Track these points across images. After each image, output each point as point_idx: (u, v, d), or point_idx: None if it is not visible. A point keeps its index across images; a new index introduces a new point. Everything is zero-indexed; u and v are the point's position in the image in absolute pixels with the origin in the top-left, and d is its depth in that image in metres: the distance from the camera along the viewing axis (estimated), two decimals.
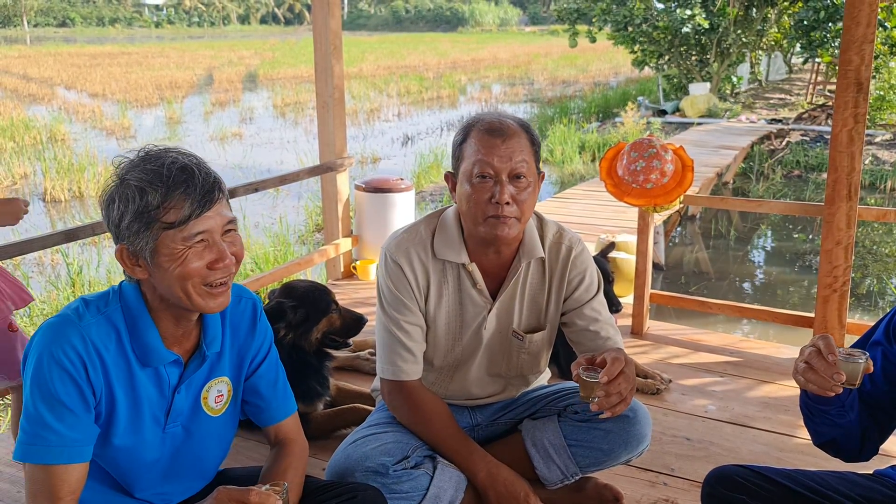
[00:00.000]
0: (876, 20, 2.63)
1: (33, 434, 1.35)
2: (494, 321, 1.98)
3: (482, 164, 1.77)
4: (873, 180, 10.47)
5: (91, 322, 1.40)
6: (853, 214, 2.79)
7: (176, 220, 1.34)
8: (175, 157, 1.37)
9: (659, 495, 2.14)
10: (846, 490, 1.71)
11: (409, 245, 1.93)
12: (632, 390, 1.65)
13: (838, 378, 1.39)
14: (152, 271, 1.38)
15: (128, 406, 1.46)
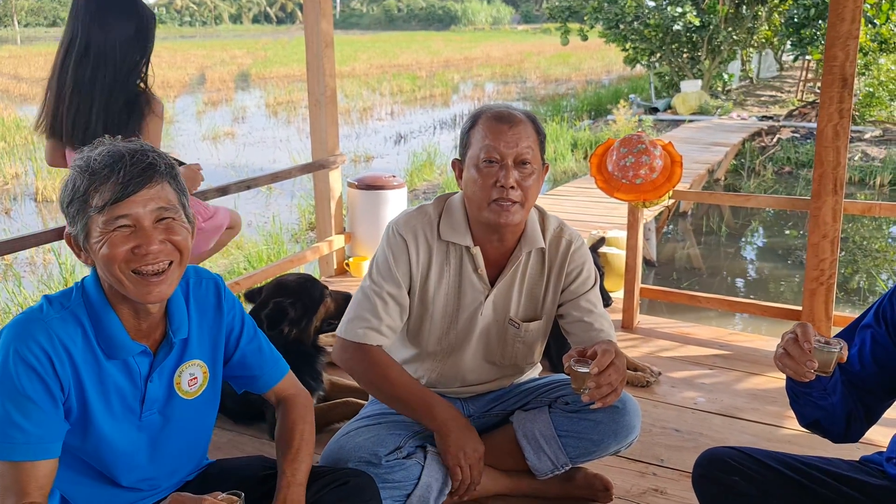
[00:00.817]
0: (860, 17, 2.67)
1: (3, 434, 1.36)
2: (491, 307, 2.01)
3: (489, 150, 1.82)
4: (863, 176, 10.54)
5: (55, 317, 1.41)
6: (839, 208, 2.83)
7: (99, 204, 1.36)
8: (112, 146, 1.40)
9: (648, 485, 2.17)
10: (834, 475, 1.75)
11: (417, 223, 1.96)
12: (622, 381, 1.69)
13: (811, 366, 1.44)
14: (94, 257, 1.40)
15: (100, 398, 1.47)
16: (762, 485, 1.68)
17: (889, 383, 1.63)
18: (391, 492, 1.87)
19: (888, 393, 1.66)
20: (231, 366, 1.69)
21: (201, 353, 1.62)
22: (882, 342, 1.62)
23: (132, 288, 1.41)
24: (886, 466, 1.75)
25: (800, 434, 2.40)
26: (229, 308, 1.66)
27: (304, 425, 1.66)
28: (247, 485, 1.70)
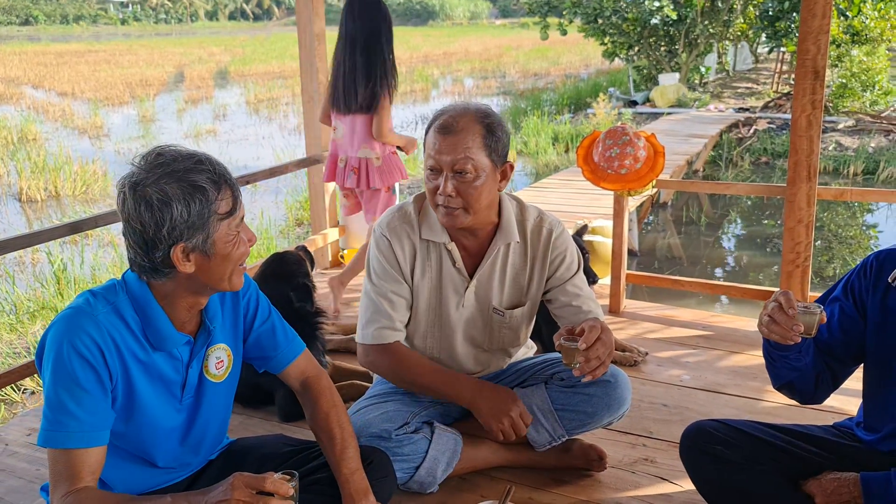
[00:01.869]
0: (831, 12, 2.82)
1: (55, 420, 1.46)
2: (473, 298, 2.13)
3: (430, 160, 1.94)
4: (837, 166, 10.78)
5: (101, 311, 1.52)
6: (813, 194, 2.99)
7: (227, 210, 1.50)
8: (199, 155, 1.50)
9: (639, 455, 2.32)
10: (810, 438, 1.91)
11: (398, 225, 2.09)
12: (610, 354, 1.81)
13: (797, 329, 1.58)
14: (204, 263, 1.51)
15: (145, 386, 1.59)
16: (743, 450, 1.84)
17: (854, 350, 1.79)
18: (401, 464, 2.00)
19: (853, 359, 1.81)
20: (247, 347, 1.80)
21: (224, 338, 1.73)
22: (849, 313, 1.78)
23: (236, 280, 1.58)
24: (856, 430, 1.91)
25: (779, 406, 2.56)
26: (245, 290, 1.78)
27: (337, 412, 1.78)
28: (269, 461, 1.84)
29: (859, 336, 1.77)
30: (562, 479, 2.17)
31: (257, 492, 1.37)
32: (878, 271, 1.74)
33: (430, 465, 2.04)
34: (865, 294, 1.76)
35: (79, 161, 10.81)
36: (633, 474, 2.22)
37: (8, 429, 2.60)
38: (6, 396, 4.28)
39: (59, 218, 8.91)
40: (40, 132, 14.43)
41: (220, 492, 1.38)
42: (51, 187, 9.86)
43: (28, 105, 18.81)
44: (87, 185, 9.96)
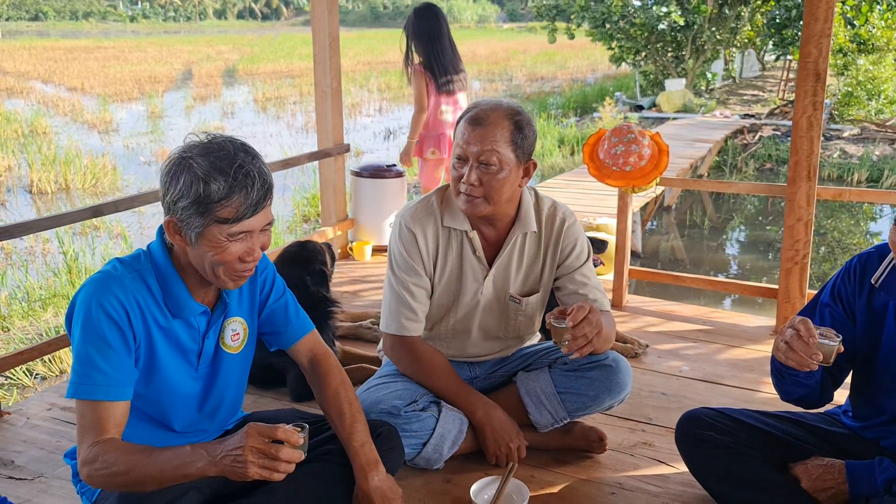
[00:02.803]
0: (833, 16, 2.90)
1: (83, 374, 1.55)
2: (491, 286, 2.22)
3: (458, 149, 2.03)
4: (841, 173, 10.85)
5: (128, 276, 1.62)
6: (812, 193, 3.07)
7: (229, 218, 1.53)
8: (243, 160, 1.53)
9: (638, 439, 2.40)
10: (799, 424, 1.99)
11: (422, 215, 2.17)
12: (598, 334, 1.84)
13: (816, 358, 1.61)
14: (190, 247, 1.59)
15: (165, 351, 1.68)
16: (733, 436, 1.93)
17: (849, 354, 1.86)
18: (409, 440, 2.08)
19: (847, 361, 1.90)
20: (261, 322, 1.89)
21: (241, 311, 1.82)
22: (839, 318, 1.85)
23: (224, 280, 1.62)
24: (843, 418, 2.00)
25: (774, 397, 2.61)
26: (262, 268, 1.86)
27: (345, 389, 1.86)
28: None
29: (852, 339, 1.84)
30: (563, 460, 2.25)
31: (270, 440, 1.45)
32: (861, 274, 1.82)
33: (436, 441, 2.12)
34: (853, 298, 1.83)
35: (89, 155, 10.92)
36: (631, 457, 2.29)
37: (29, 403, 2.69)
38: (18, 381, 4.37)
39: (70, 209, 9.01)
40: (50, 126, 14.56)
41: (235, 440, 1.45)
42: (61, 180, 9.97)
43: (38, 99, 18.95)
44: (97, 178, 10.07)
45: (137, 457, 1.51)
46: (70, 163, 10.38)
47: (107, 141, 13.66)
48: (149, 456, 1.50)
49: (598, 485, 2.15)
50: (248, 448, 1.42)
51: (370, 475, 1.79)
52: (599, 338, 1.87)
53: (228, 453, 1.44)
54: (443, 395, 2.20)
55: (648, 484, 2.15)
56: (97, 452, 1.51)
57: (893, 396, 1.80)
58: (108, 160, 10.67)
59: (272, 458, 1.42)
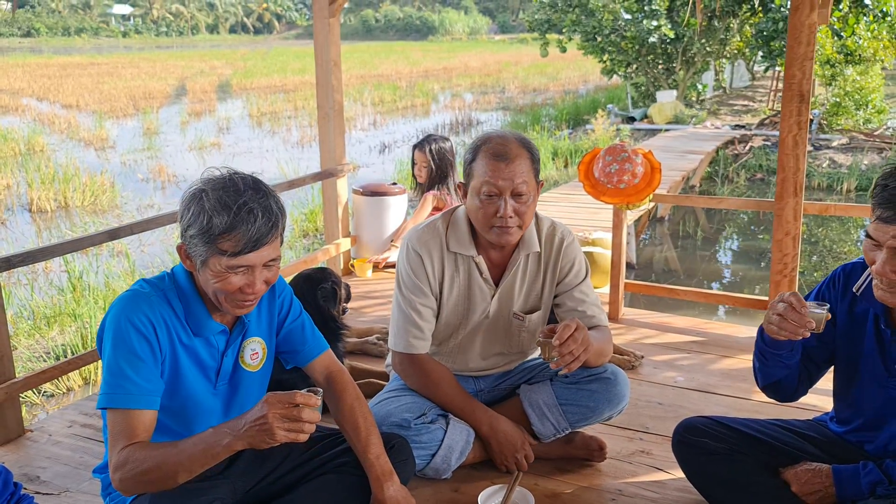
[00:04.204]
0: (815, 39, 3.04)
1: (115, 384, 1.66)
2: (496, 305, 2.34)
3: (489, 186, 2.12)
4: (831, 182, 11.03)
5: (154, 295, 1.74)
6: (799, 209, 3.20)
7: (229, 251, 1.64)
8: (248, 198, 1.63)
9: (636, 448, 2.51)
10: (789, 430, 2.11)
11: (428, 238, 2.29)
12: (585, 350, 1.93)
13: (809, 326, 1.73)
14: (198, 271, 1.72)
15: (188, 366, 1.79)
16: (727, 443, 2.05)
17: (827, 354, 1.99)
18: (419, 451, 2.19)
19: (826, 362, 2.02)
20: (279, 341, 2.00)
21: (259, 332, 1.93)
22: None
23: (227, 306, 1.72)
24: (829, 424, 2.12)
25: (765, 404, 2.75)
26: (280, 291, 1.98)
27: (360, 405, 1.97)
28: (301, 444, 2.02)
29: (831, 341, 1.97)
30: (565, 468, 2.36)
31: (290, 405, 1.54)
32: (844, 283, 1.94)
33: (445, 452, 2.23)
34: (835, 304, 1.96)
35: (87, 172, 11.01)
36: (630, 464, 2.41)
37: (50, 420, 2.79)
38: (26, 399, 4.46)
39: (69, 228, 9.10)
40: (47, 144, 14.64)
41: (256, 411, 1.55)
42: (60, 198, 10.05)
43: (33, 117, 19.02)
44: (96, 196, 10.16)
45: (165, 450, 1.61)
46: (69, 181, 10.46)
47: (104, 158, 13.75)
48: (175, 446, 1.60)
49: (599, 492, 2.26)
50: (271, 415, 1.52)
51: (386, 485, 1.90)
52: (587, 353, 1.94)
53: (253, 424, 1.54)
54: (449, 409, 2.31)
55: (647, 490, 2.26)
56: (127, 455, 1.61)
57: (873, 399, 1.92)
58: (106, 178, 10.76)
59: (296, 421, 1.53)
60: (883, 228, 1.66)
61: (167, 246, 7.64)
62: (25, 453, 2.53)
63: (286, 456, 2.01)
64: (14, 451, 2.54)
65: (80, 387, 4.75)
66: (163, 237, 7.93)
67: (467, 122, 18.34)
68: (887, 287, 1.71)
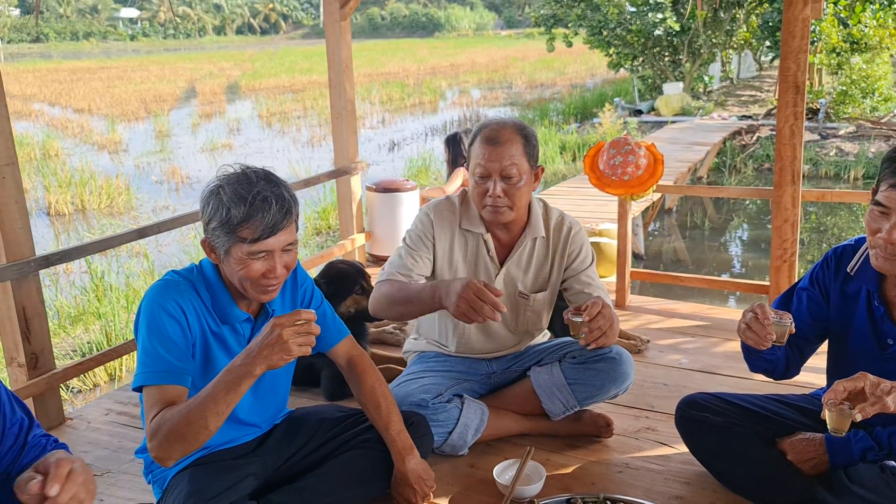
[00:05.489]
0: (808, 33, 3.16)
1: (149, 364, 1.80)
2: (501, 283, 2.48)
3: (480, 167, 2.29)
4: (838, 171, 11.09)
5: (183, 284, 1.90)
6: (797, 196, 3.32)
7: (248, 238, 1.78)
8: (262, 188, 1.78)
9: (642, 425, 2.65)
10: (786, 404, 2.24)
11: (444, 210, 2.47)
12: (611, 327, 2.08)
13: (770, 338, 1.87)
14: (222, 262, 1.86)
15: (217, 351, 1.94)
16: (727, 416, 2.19)
17: (819, 330, 2.12)
18: (436, 429, 2.34)
19: (818, 337, 2.15)
20: None
21: None
22: (815, 300, 2.11)
23: (252, 293, 1.87)
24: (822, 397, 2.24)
25: (765, 383, 2.88)
26: (302, 281, 2.13)
27: (380, 385, 2.12)
28: (325, 423, 2.18)
29: (824, 318, 2.10)
30: (574, 444, 2.50)
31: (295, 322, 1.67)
32: (837, 264, 2.07)
33: (461, 430, 2.38)
34: (828, 283, 2.09)
35: (103, 176, 11.22)
36: (636, 440, 2.54)
37: (87, 409, 2.95)
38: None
39: (86, 229, 9.30)
40: (61, 148, 14.88)
41: (264, 334, 1.68)
42: (77, 202, 10.26)
43: (46, 122, 19.30)
44: (112, 199, 10.36)
45: (190, 401, 1.72)
46: (85, 184, 10.67)
47: (117, 161, 13.97)
48: (197, 396, 1.72)
49: (607, 465, 2.39)
50: (286, 333, 1.65)
51: (407, 459, 2.05)
52: (612, 329, 2.10)
53: (266, 345, 1.66)
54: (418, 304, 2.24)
55: (652, 463, 2.40)
56: (159, 420, 1.73)
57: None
58: (121, 180, 10.96)
59: (306, 334, 1.66)
60: (894, 196, 1.74)
61: (184, 246, 7.82)
62: (67, 439, 2.69)
63: (313, 434, 2.16)
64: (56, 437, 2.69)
65: (106, 382, 4.93)
66: (179, 237, 8.12)
67: (475, 118, 18.46)
68: (890, 255, 1.80)
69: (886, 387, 1.65)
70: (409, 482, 2.05)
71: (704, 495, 2.20)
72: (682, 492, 2.23)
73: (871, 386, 1.65)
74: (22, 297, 2.63)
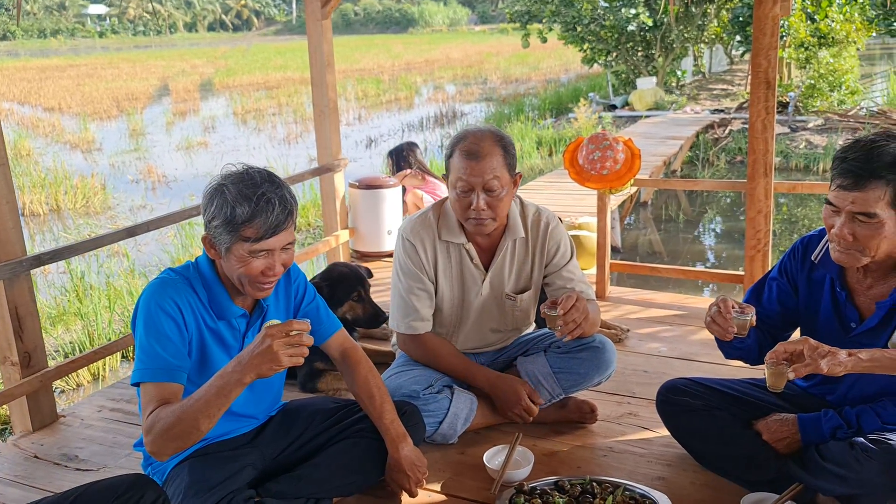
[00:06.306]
0: (778, 31, 3.27)
1: (146, 361, 1.85)
2: (488, 287, 2.56)
3: (462, 182, 2.34)
4: (808, 163, 11.31)
5: (180, 282, 1.95)
6: (769, 188, 3.44)
7: (252, 237, 1.84)
8: (266, 189, 1.84)
9: (624, 410, 2.75)
10: (760, 387, 2.34)
11: (420, 228, 2.51)
12: (586, 320, 2.20)
13: (732, 331, 1.97)
14: (223, 259, 1.92)
15: (213, 347, 1.99)
16: (705, 400, 2.29)
17: (790, 317, 2.23)
18: (427, 419, 2.41)
19: (790, 325, 2.26)
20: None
21: (278, 315, 2.14)
22: (784, 289, 2.22)
23: (250, 290, 1.92)
24: (795, 380, 2.35)
25: (739, 368, 2.98)
26: (295, 277, 2.19)
27: (373, 376, 2.19)
28: (319, 414, 2.25)
29: (794, 306, 2.21)
30: (561, 430, 2.60)
31: (287, 333, 1.70)
32: (803, 253, 2.18)
33: (451, 419, 2.46)
34: (796, 272, 2.20)
35: (77, 176, 11.11)
36: (619, 425, 2.64)
37: (80, 407, 2.99)
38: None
39: (63, 231, 9.22)
40: (33, 148, 14.68)
41: (257, 343, 1.70)
42: (52, 202, 10.14)
43: (16, 121, 19.00)
44: (88, 198, 10.26)
45: (184, 402, 1.77)
46: (59, 184, 10.55)
47: (91, 160, 13.82)
48: (190, 398, 1.77)
49: (592, 449, 2.49)
50: (276, 344, 1.68)
51: (400, 446, 2.12)
52: (587, 322, 2.22)
53: (256, 354, 1.69)
54: (453, 376, 2.53)
55: (634, 447, 2.50)
56: (154, 417, 1.78)
57: None
58: (96, 180, 10.87)
59: (297, 346, 1.69)
60: (843, 196, 1.88)
61: (163, 244, 7.80)
62: (62, 436, 2.73)
63: (308, 425, 2.22)
64: (50, 434, 2.74)
65: (90, 382, 4.93)
66: (158, 236, 8.08)
67: (451, 114, 18.52)
68: (844, 249, 1.93)
69: (823, 351, 1.79)
70: (402, 469, 2.12)
71: (685, 476, 2.30)
72: (663, 473, 2.33)
73: (809, 349, 1.80)
74: (14, 296, 2.66)
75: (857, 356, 1.80)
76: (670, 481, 2.28)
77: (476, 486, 2.27)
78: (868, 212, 1.85)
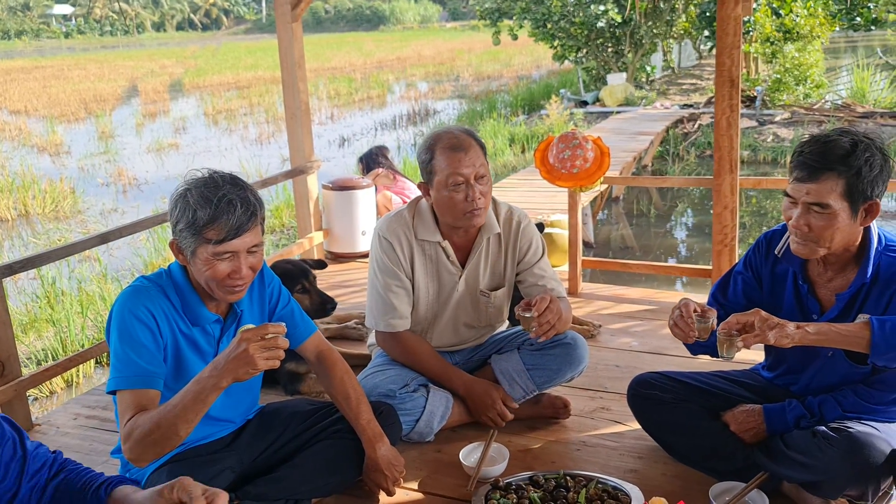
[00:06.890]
0: (741, 30, 3.35)
1: (121, 369, 1.86)
2: (464, 284, 2.60)
3: (455, 176, 2.37)
4: (775, 156, 11.51)
5: (153, 289, 1.96)
6: (735, 184, 3.52)
7: (213, 239, 1.85)
8: (227, 192, 1.85)
9: (597, 405, 2.80)
10: (728, 379, 2.41)
11: (397, 226, 2.54)
12: (560, 319, 2.25)
13: (693, 335, 2.03)
14: (190, 263, 1.93)
15: (188, 353, 2.01)
16: (674, 393, 2.35)
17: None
18: (404, 417, 2.45)
19: None
20: None
21: (252, 319, 2.15)
22: (749, 283, 2.28)
23: (219, 293, 1.93)
24: (761, 371, 2.43)
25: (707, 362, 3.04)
26: (269, 281, 2.21)
27: (349, 377, 2.22)
28: (296, 416, 2.27)
29: (758, 299, 2.27)
30: (535, 426, 2.65)
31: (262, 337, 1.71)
32: (767, 247, 2.25)
33: (427, 417, 2.49)
34: (760, 266, 2.26)
35: (46, 179, 10.95)
36: (592, 419, 2.70)
37: (55, 415, 2.98)
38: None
39: (32, 236, 9.08)
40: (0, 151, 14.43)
41: (232, 348, 1.70)
42: (20, 206, 9.99)
43: None
44: (57, 202, 10.12)
45: (161, 408, 1.79)
46: (28, 188, 10.39)
47: (60, 164, 13.62)
48: (169, 403, 1.78)
49: (566, 444, 2.54)
50: (252, 347, 1.69)
51: (377, 446, 2.15)
52: (560, 321, 2.26)
53: (232, 359, 1.70)
54: (430, 376, 2.57)
55: (607, 441, 2.55)
56: (132, 424, 1.79)
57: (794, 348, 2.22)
58: (65, 184, 10.72)
59: (273, 349, 1.70)
60: (799, 187, 1.96)
61: (135, 248, 7.73)
62: None
63: (286, 427, 2.25)
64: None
65: (63, 389, 4.89)
66: (130, 241, 8.01)
67: (424, 112, 18.53)
68: (801, 240, 2.00)
69: (773, 323, 1.90)
70: (380, 468, 2.16)
71: (656, 468, 2.36)
72: (635, 465, 2.39)
73: (759, 320, 1.91)
74: None
75: (804, 329, 1.90)
76: (642, 473, 2.34)
77: (453, 484, 2.31)
78: (822, 202, 1.93)
